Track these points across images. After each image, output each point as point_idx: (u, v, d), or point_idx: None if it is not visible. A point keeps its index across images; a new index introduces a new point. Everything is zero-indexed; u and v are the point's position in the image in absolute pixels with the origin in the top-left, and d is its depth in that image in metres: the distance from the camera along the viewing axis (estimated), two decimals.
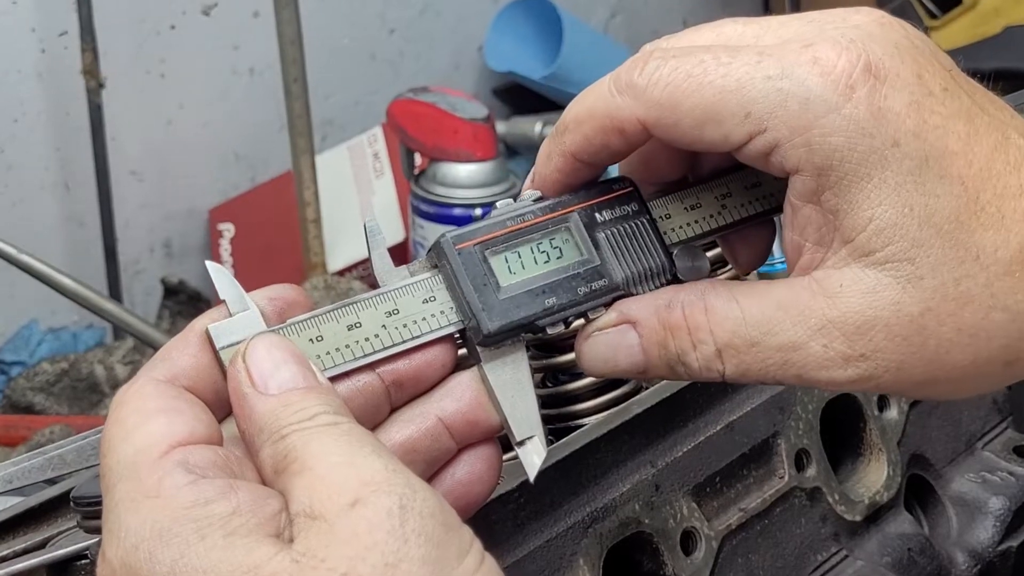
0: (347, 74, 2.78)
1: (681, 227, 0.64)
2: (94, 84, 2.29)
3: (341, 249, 2.38)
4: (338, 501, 0.50)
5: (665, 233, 0.63)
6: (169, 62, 2.52)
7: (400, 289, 0.60)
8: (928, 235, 0.56)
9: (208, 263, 0.58)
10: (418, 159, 2.26)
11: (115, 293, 2.35)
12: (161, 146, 2.56)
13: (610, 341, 0.61)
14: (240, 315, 0.58)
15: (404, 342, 0.59)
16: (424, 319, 0.60)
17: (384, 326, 0.59)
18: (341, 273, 2.35)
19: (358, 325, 0.59)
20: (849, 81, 0.56)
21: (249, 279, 0.60)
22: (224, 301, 0.58)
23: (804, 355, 0.58)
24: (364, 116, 2.76)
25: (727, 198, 0.64)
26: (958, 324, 0.57)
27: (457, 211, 2.08)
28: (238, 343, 0.57)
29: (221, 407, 0.57)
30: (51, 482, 0.87)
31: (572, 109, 0.62)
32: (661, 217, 0.64)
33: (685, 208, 0.64)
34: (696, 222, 0.64)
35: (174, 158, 2.58)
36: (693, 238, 0.64)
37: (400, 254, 2.31)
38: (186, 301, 2.45)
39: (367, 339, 0.59)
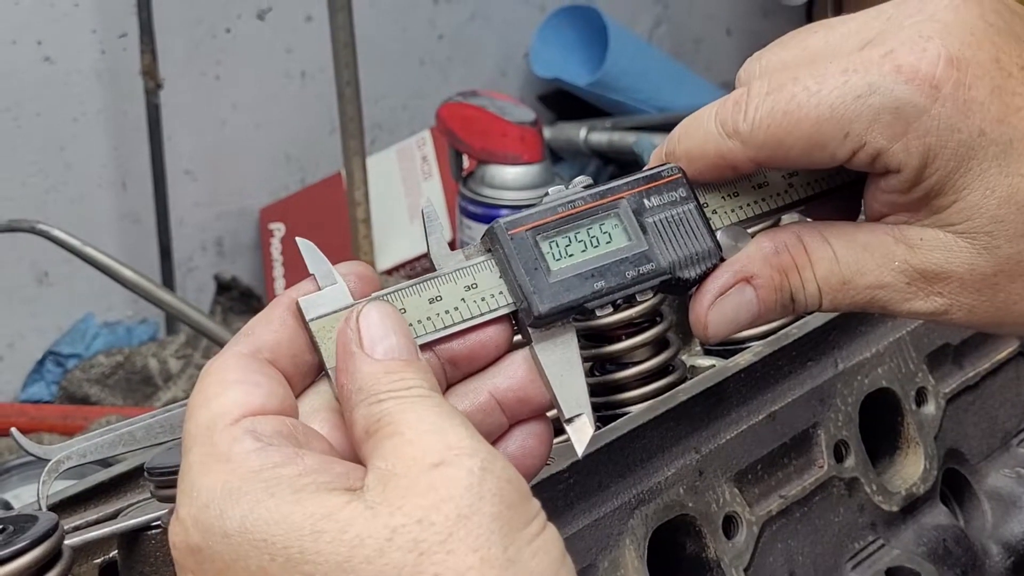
0: (397, 78, 2.82)
1: (731, 211, 0.66)
2: (152, 85, 2.34)
3: (389, 249, 2.42)
4: (422, 462, 0.53)
5: (709, 219, 0.66)
6: (224, 64, 2.57)
7: (479, 264, 0.63)
8: (1008, 212, 0.61)
9: (298, 239, 0.62)
10: (466, 161, 2.29)
11: (169, 289, 2.40)
12: (215, 146, 2.61)
13: (732, 302, 0.65)
14: (328, 288, 0.60)
15: (483, 315, 0.62)
16: (502, 293, 0.63)
17: (463, 299, 0.62)
18: (389, 272, 2.39)
19: (439, 298, 0.62)
20: (933, 81, 0.60)
21: (300, 278, 0.63)
22: (313, 275, 0.61)
23: (889, 292, 0.64)
24: (412, 120, 2.80)
25: (793, 177, 0.67)
26: None
27: (504, 212, 2.11)
28: (327, 315, 0.60)
29: (299, 379, 0.60)
30: (105, 464, 0.91)
31: (682, 143, 0.65)
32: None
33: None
34: (749, 205, 0.66)
35: (227, 158, 2.63)
36: (741, 222, 0.66)
37: None
38: (238, 297, 2.50)
39: (447, 311, 0.62)
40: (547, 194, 0.65)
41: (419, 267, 2.40)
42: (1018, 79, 0.61)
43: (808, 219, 0.69)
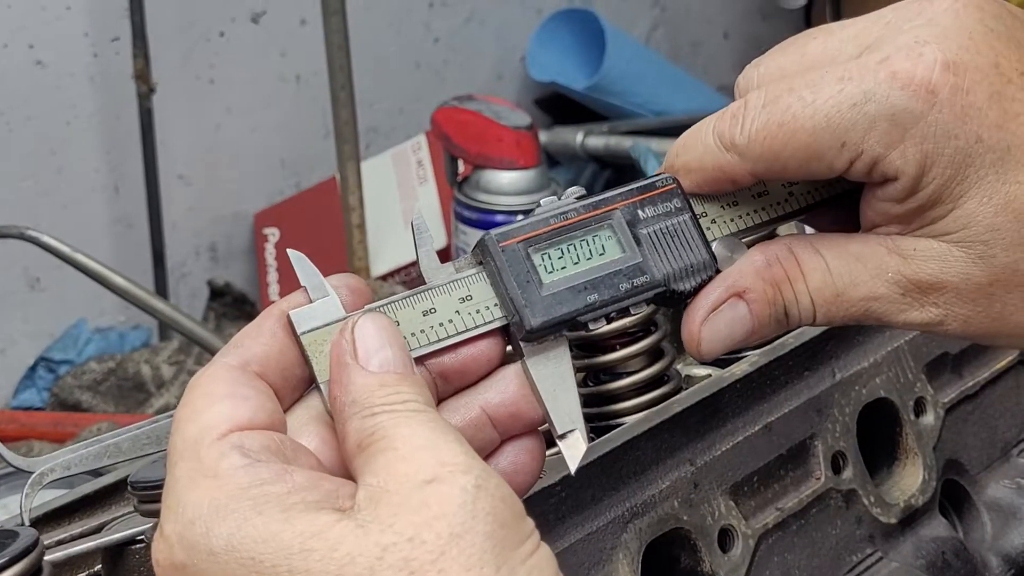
0: (392, 82, 2.81)
1: (730, 221, 0.65)
2: (145, 89, 2.33)
3: (384, 254, 2.41)
4: (414, 479, 0.52)
5: (708, 229, 0.65)
6: (218, 68, 2.56)
7: (471, 277, 0.62)
8: (1004, 220, 0.60)
9: (290, 251, 0.61)
10: (461, 166, 2.28)
11: (162, 294, 2.39)
12: (209, 151, 2.60)
13: (725, 318, 0.64)
14: (320, 301, 0.59)
15: (478, 327, 0.61)
16: (497, 305, 0.62)
17: (458, 312, 0.61)
18: (384, 278, 2.38)
19: (433, 311, 0.61)
20: (929, 87, 0.59)
21: (295, 283, 0.62)
22: (304, 287, 0.60)
23: (883, 303, 0.63)
24: (408, 124, 2.79)
25: (793, 185, 0.66)
26: None
27: (499, 217, 2.10)
28: (318, 328, 0.59)
29: (288, 393, 0.59)
30: (95, 474, 0.89)
31: (681, 157, 0.65)
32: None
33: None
34: (748, 215, 0.66)
35: (221, 163, 2.62)
36: (740, 232, 0.66)
37: (442, 260, 2.32)
38: (232, 303, 2.49)
39: (441, 324, 0.61)
40: (539, 205, 0.64)
41: (414, 272, 2.39)
42: (1017, 85, 0.60)
43: (808, 228, 0.68)
